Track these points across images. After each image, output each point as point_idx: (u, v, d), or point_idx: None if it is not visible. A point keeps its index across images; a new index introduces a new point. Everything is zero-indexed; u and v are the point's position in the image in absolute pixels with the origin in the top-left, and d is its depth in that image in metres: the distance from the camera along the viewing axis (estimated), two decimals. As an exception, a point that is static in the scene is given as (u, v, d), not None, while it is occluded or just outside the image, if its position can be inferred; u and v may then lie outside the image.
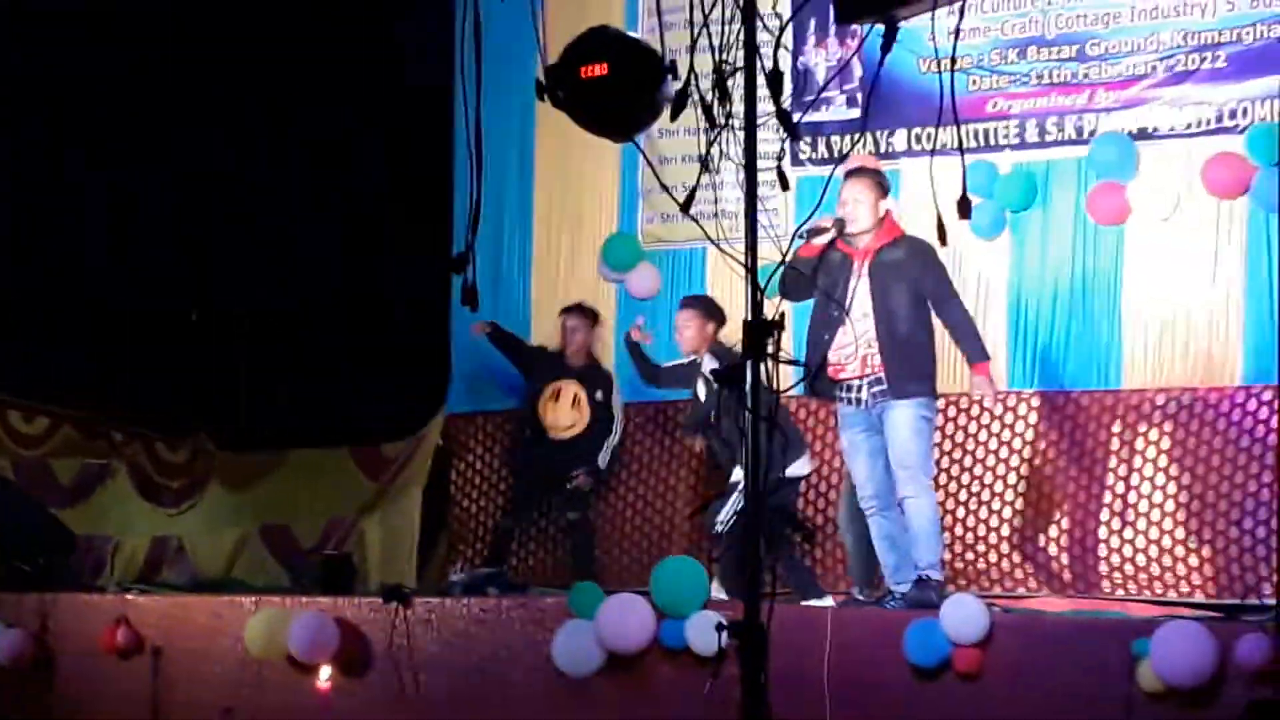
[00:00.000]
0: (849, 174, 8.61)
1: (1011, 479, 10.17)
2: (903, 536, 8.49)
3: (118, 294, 12.66)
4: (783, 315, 4.89)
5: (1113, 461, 9.92)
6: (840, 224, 8.40)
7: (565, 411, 10.52)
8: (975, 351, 8.56)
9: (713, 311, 9.90)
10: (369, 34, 12.06)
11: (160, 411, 12.81)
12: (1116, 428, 9.91)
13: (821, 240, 8.40)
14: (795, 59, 10.55)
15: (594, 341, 10.73)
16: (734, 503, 9.23)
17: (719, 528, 9.39)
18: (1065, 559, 9.91)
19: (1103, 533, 9.84)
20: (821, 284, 8.46)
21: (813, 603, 9.00)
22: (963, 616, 7.86)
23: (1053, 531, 9.97)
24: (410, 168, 12.19)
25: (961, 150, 8.50)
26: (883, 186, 8.56)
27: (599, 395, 10.55)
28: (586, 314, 10.72)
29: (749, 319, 4.77)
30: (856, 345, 8.41)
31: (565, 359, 10.62)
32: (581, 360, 10.63)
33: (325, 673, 9.28)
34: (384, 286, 12.39)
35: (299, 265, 12.70)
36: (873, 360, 8.39)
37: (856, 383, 8.45)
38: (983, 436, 10.25)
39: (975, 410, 10.23)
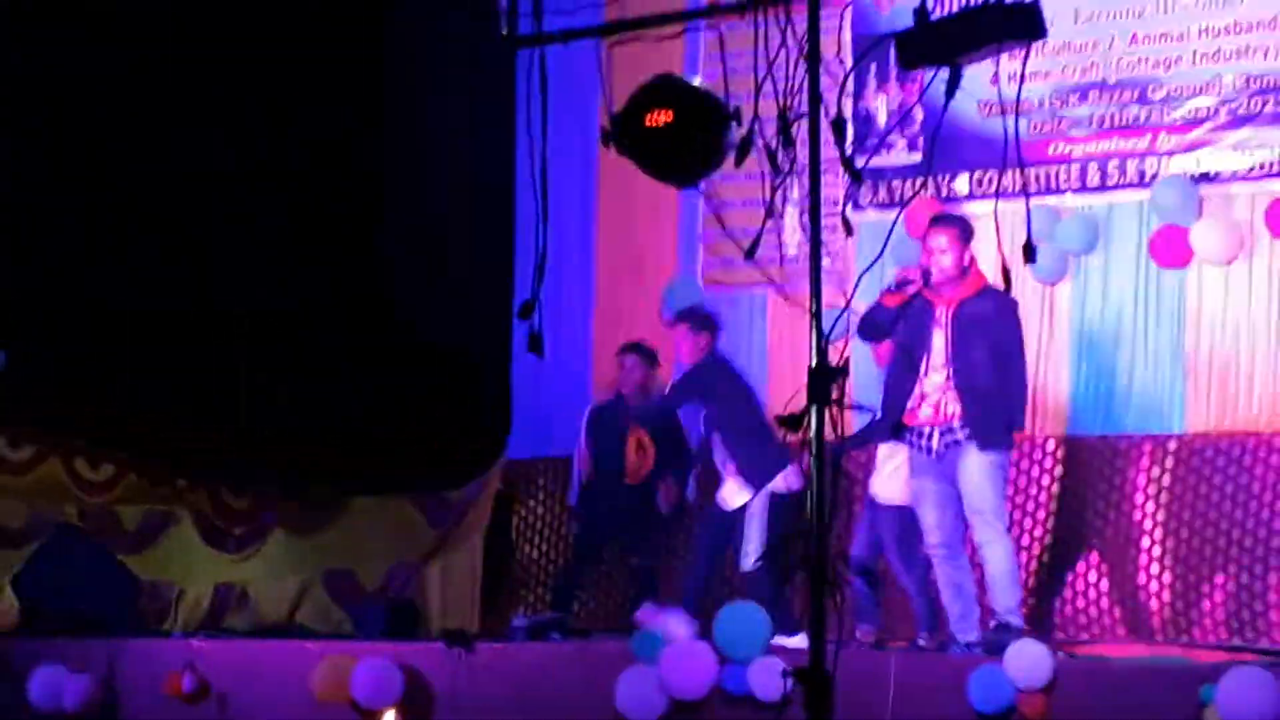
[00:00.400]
0: (934, 221, 8.58)
1: (1073, 524, 10.11)
2: (969, 584, 8.47)
3: (182, 338, 12.71)
4: (847, 361, 4.90)
5: (1175, 506, 9.86)
6: (926, 274, 8.36)
7: (631, 456, 10.51)
8: (1016, 419, 8.56)
9: (704, 322, 9.96)
10: (432, 79, 12.12)
11: (226, 457, 12.85)
12: (1180, 471, 9.86)
13: (908, 290, 8.39)
14: (856, 104, 10.57)
15: (652, 381, 10.71)
16: (759, 542, 9.35)
17: (748, 567, 9.46)
18: (1130, 604, 9.85)
19: (1167, 578, 9.77)
20: (902, 331, 8.46)
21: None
22: (1027, 662, 7.82)
23: (1116, 577, 9.91)
24: (473, 214, 12.23)
25: (1026, 194, 8.49)
26: (968, 234, 8.54)
27: (661, 434, 10.52)
28: (643, 354, 10.72)
29: (814, 364, 4.78)
30: (933, 393, 8.40)
31: (624, 402, 10.62)
32: (640, 400, 10.64)
33: (389, 718, 9.29)
34: (446, 332, 12.43)
35: (365, 310, 12.74)
36: (946, 409, 8.38)
37: (929, 429, 8.44)
38: (1045, 481, 10.21)
39: (1038, 455, 10.20)
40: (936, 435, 8.42)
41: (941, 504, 8.46)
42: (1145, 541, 9.89)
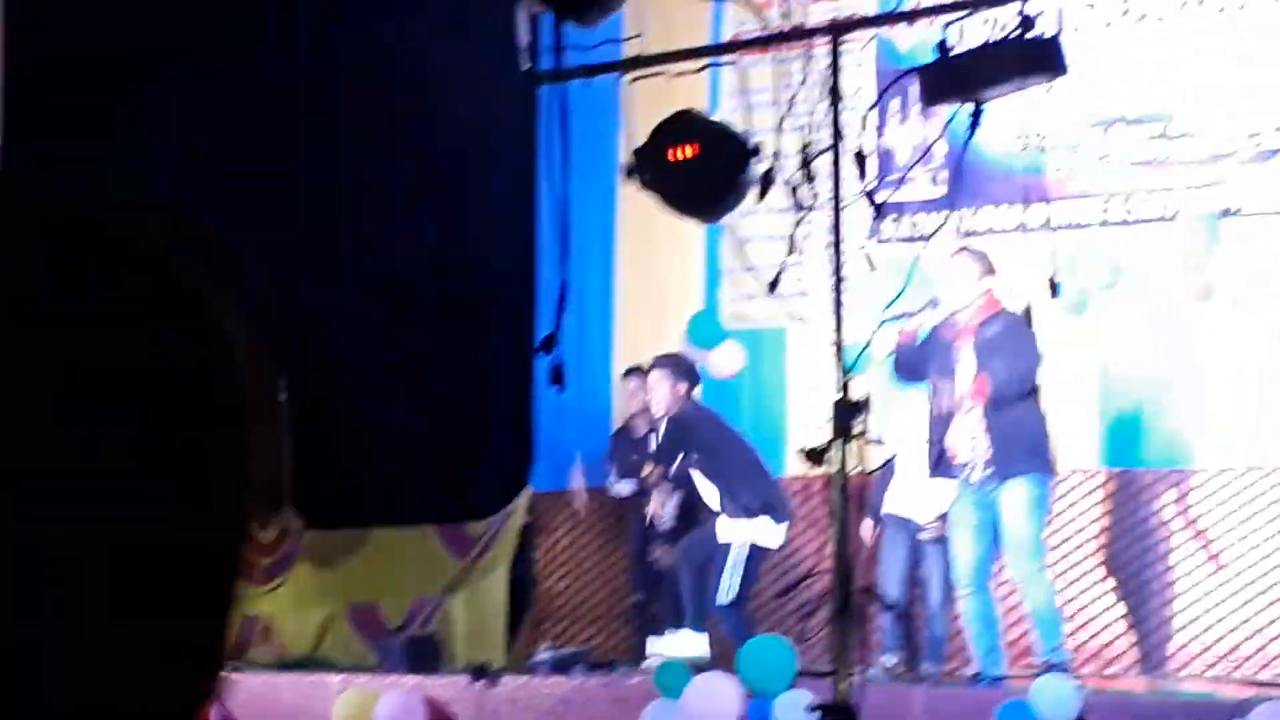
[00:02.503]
0: (955, 254, 8.60)
1: (1100, 558, 10.10)
2: (996, 617, 8.45)
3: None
4: (868, 395, 4.91)
5: (1199, 541, 9.83)
6: (933, 303, 8.37)
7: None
8: (1043, 443, 8.55)
9: (683, 371, 9.91)
10: (453, 114, 12.18)
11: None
12: (1204, 507, 9.84)
13: (914, 323, 8.39)
14: (878, 139, 10.59)
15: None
16: (732, 572, 9.48)
17: (724, 599, 9.51)
18: (1155, 639, 9.83)
19: (1194, 612, 9.75)
20: (933, 368, 8.48)
21: None
22: (1053, 697, 7.80)
23: (1143, 611, 9.89)
24: (494, 248, 12.28)
25: (1050, 229, 8.52)
26: (985, 263, 8.52)
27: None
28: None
29: (837, 398, 4.80)
30: (969, 424, 8.38)
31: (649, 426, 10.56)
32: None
33: (412, 752, 9.29)
34: (469, 365, 12.47)
35: (384, 343, 12.78)
36: (981, 441, 8.37)
37: (969, 461, 8.42)
38: (1069, 515, 10.18)
39: (1062, 489, 10.18)
40: (978, 468, 8.38)
41: (978, 533, 8.42)
42: (1171, 575, 9.86)
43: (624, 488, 10.75)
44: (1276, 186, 9.81)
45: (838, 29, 5.13)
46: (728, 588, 9.70)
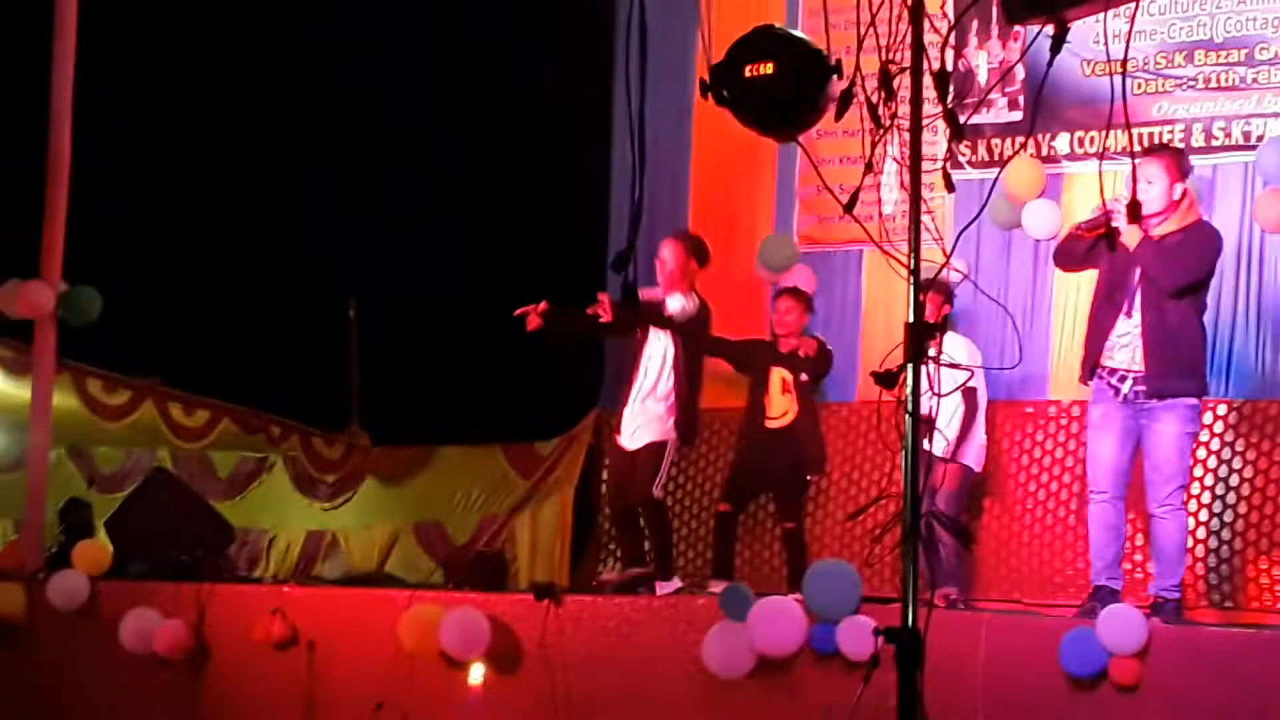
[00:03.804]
0: (1146, 151, 8.37)
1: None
2: (1123, 528, 8.36)
3: (277, 288, 12.81)
4: (946, 318, 4.83)
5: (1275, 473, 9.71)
6: (1135, 207, 8.07)
7: (777, 399, 10.24)
8: (1199, 368, 8.37)
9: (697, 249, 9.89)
10: (530, 30, 12.12)
11: (317, 406, 12.94)
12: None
13: (1100, 221, 8.21)
14: (957, 60, 10.46)
15: (806, 325, 10.53)
16: None
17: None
18: (1226, 570, 9.73)
19: (1265, 544, 9.65)
20: (1105, 267, 8.32)
21: None
22: (1120, 626, 7.74)
23: (1213, 543, 9.79)
24: (569, 165, 12.22)
25: (1133, 155, 8.33)
26: (1181, 168, 8.31)
27: (804, 378, 10.24)
28: (799, 297, 10.43)
29: (910, 321, 4.72)
30: (1132, 336, 8.23)
31: (775, 345, 10.39)
32: (793, 345, 10.38)
33: (477, 669, 9.31)
34: (538, 282, 12.43)
35: (454, 262, 12.77)
36: (1139, 355, 8.23)
37: (1122, 372, 8.29)
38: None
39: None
40: (1130, 381, 8.27)
41: (1121, 442, 8.30)
42: (1243, 508, 9.76)
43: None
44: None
45: (920, -55, 5.04)
46: None
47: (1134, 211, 7.08)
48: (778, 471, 10.16)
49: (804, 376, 10.18)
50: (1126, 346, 8.25)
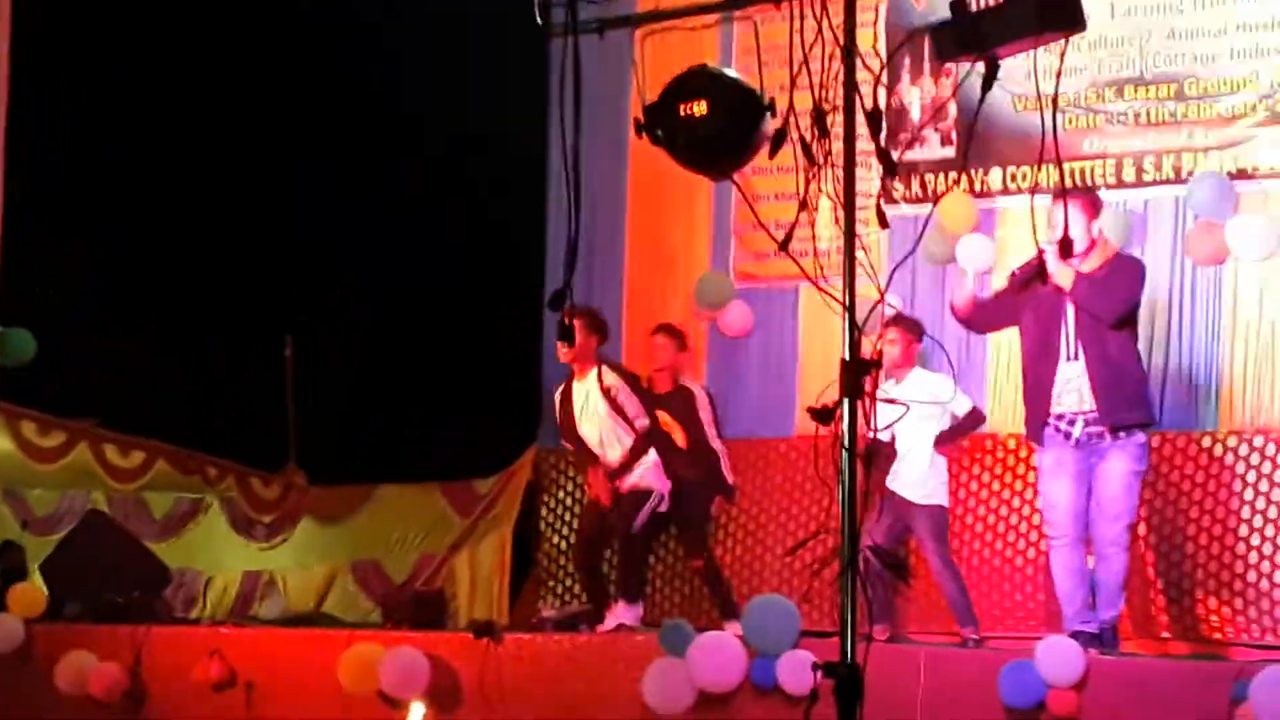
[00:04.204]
0: (1057, 196, 8.43)
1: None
2: (1087, 571, 8.41)
3: (212, 326, 12.76)
4: (880, 354, 4.86)
5: (1209, 504, 9.78)
6: (1067, 245, 8.13)
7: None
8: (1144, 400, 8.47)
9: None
10: (464, 75, 12.13)
11: (254, 446, 12.89)
12: (1214, 470, 9.78)
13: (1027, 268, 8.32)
14: (889, 97, 10.53)
15: (680, 365, 10.61)
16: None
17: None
18: (1162, 602, 9.79)
19: (1200, 575, 9.71)
20: (1031, 317, 8.39)
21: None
22: (1058, 658, 7.79)
23: (1150, 575, 9.85)
24: (504, 206, 12.24)
25: (1064, 191, 8.42)
26: (1095, 207, 8.41)
27: (689, 418, 10.37)
28: (671, 334, 10.57)
29: (846, 358, 4.74)
30: (1076, 378, 8.28)
31: (651, 387, 10.49)
32: (668, 385, 10.53)
33: (417, 709, 9.28)
34: (476, 322, 12.44)
35: (392, 300, 12.76)
36: (1086, 396, 8.27)
37: (1070, 416, 8.33)
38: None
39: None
40: (1080, 423, 8.30)
41: (1076, 484, 8.34)
42: (1178, 539, 9.81)
43: None
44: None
45: (852, -17, 5.08)
46: None
47: (1066, 249, 7.16)
48: (675, 515, 10.24)
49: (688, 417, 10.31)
50: (1073, 390, 8.30)
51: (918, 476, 9.24)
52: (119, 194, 12.63)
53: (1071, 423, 8.31)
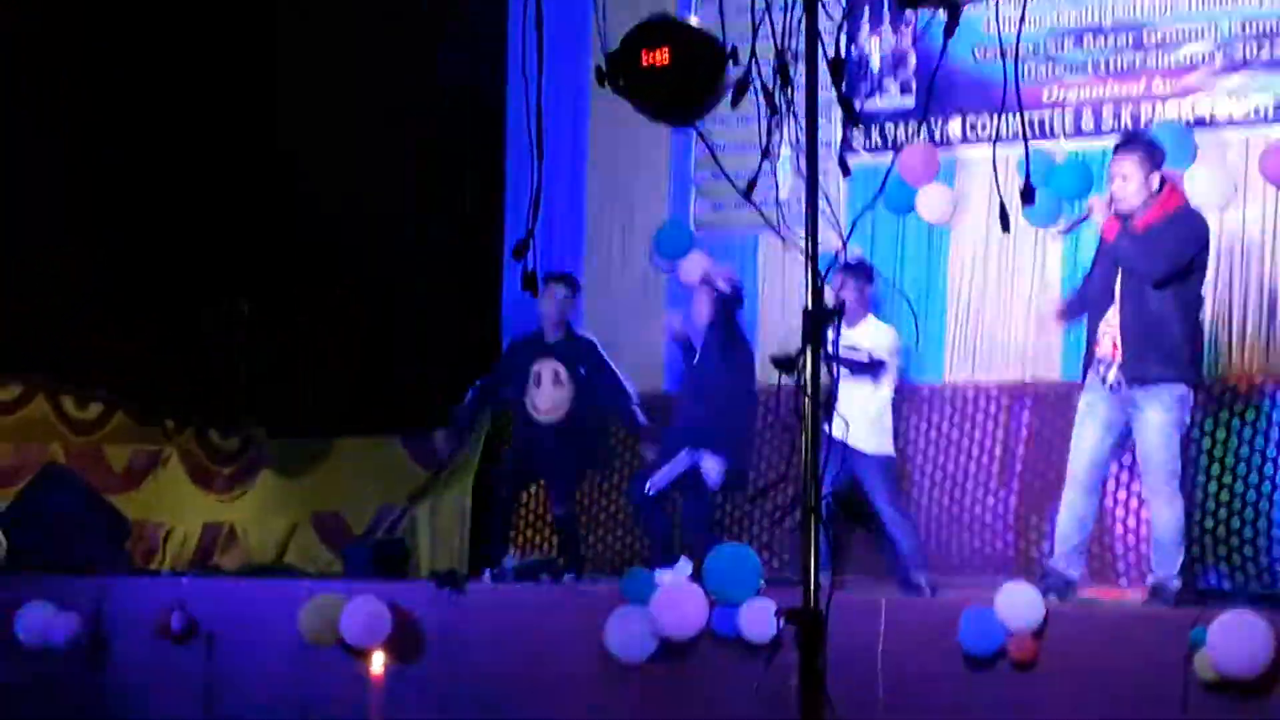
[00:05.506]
0: (1117, 147, 8.39)
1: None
2: (1091, 522, 8.41)
3: (171, 282, 12.70)
4: (842, 303, 4.86)
5: (1193, 451, 9.76)
6: (1108, 203, 8.08)
7: (546, 393, 10.32)
8: (1189, 355, 8.35)
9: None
10: (425, 23, 12.07)
11: (213, 398, 12.86)
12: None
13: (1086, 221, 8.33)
14: (849, 47, 10.52)
15: (569, 312, 10.46)
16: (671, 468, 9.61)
17: (650, 491, 9.51)
18: (1119, 549, 9.85)
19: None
20: (1096, 267, 8.37)
21: None
22: (1018, 605, 7.84)
23: (1107, 521, 9.90)
24: (463, 154, 12.20)
25: (1025, 138, 8.39)
26: (1154, 158, 8.27)
27: (582, 370, 10.28)
28: (563, 282, 10.40)
29: (808, 307, 4.75)
30: (1117, 327, 8.24)
31: (542, 337, 10.40)
32: (559, 334, 10.41)
33: (378, 658, 9.28)
34: (435, 273, 12.40)
35: (351, 253, 12.70)
36: (1119, 339, 8.22)
37: (1110, 360, 8.28)
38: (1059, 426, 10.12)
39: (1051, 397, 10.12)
40: (1114, 369, 8.25)
41: (1104, 431, 8.29)
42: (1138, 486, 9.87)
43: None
44: (1249, 96, 9.78)
45: (813, -68, 5.06)
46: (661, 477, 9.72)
47: (1027, 196, 7.17)
48: (546, 464, 10.32)
49: (582, 369, 10.24)
50: (1109, 336, 8.29)
51: (868, 427, 9.23)
52: (79, 153, 12.52)
53: (1108, 367, 8.29)
